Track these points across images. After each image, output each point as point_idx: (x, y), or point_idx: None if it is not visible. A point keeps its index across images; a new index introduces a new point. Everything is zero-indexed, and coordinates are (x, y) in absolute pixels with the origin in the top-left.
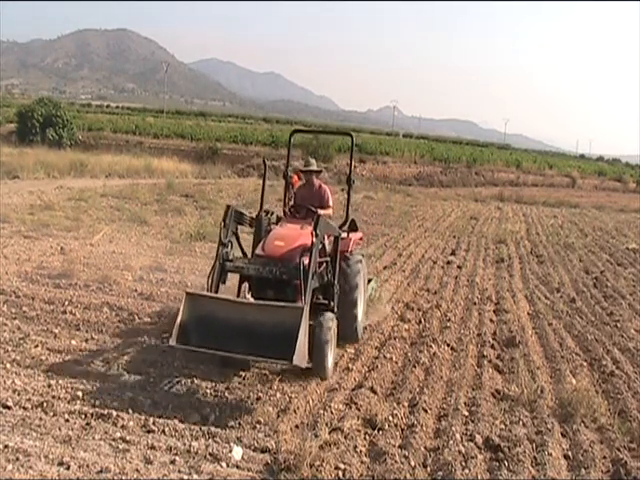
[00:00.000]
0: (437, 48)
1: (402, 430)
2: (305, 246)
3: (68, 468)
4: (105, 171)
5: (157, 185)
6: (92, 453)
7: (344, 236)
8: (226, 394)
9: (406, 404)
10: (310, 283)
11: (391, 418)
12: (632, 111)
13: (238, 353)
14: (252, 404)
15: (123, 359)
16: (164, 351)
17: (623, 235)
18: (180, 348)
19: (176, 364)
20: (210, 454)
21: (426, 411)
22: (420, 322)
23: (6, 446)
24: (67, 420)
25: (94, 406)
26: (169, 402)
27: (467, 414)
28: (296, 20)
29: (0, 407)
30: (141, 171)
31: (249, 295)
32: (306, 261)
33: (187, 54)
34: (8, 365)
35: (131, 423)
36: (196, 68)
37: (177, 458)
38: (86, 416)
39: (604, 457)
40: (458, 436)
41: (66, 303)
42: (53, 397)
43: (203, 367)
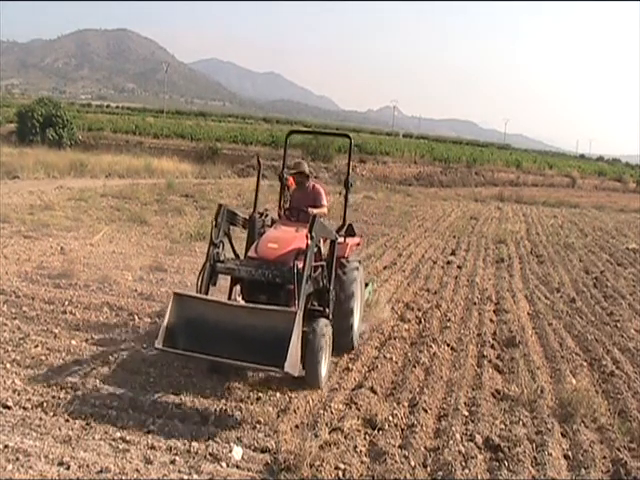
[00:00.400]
0: (437, 48)
1: (402, 430)
2: (300, 249)
3: (68, 468)
4: (105, 171)
5: (157, 185)
6: (92, 453)
7: (341, 241)
8: (226, 394)
9: (406, 404)
10: (304, 287)
11: (391, 418)
12: (632, 111)
13: (227, 358)
14: (252, 404)
15: (123, 359)
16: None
17: (623, 235)
18: (166, 351)
19: (176, 364)
20: (210, 454)
21: (426, 411)
22: (420, 322)
23: (6, 446)
24: (67, 420)
25: (94, 406)
26: (169, 402)
27: (467, 414)
28: (296, 20)
29: (0, 407)
30: (141, 171)
31: (240, 298)
32: (300, 264)
33: (187, 54)
34: (8, 365)
35: (131, 423)
36: (196, 68)
37: (177, 458)
38: (86, 416)
39: (604, 457)
40: (458, 436)
41: (66, 303)
42: (53, 397)
43: (203, 368)
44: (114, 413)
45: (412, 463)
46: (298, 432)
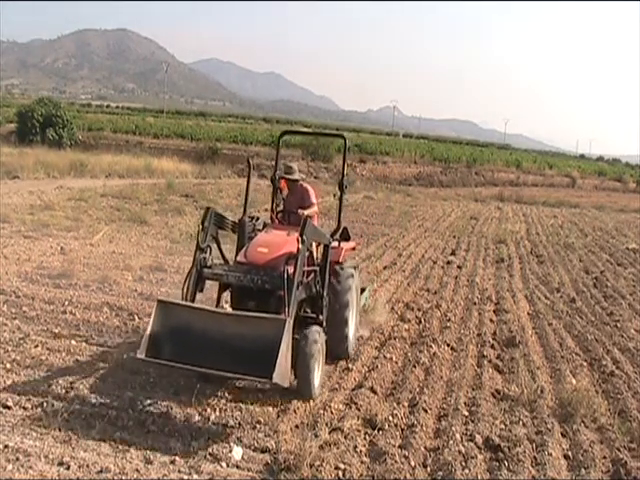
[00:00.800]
0: (437, 48)
1: (402, 430)
2: (291, 254)
3: (68, 468)
4: (105, 171)
5: (157, 185)
6: (92, 453)
7: (335, 245)
8: (226, 394)
9: (406, 404)
10: (295, 294)
11: (391, 418)
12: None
13: (213, 369)
14: (252, 404)
15: (123, 359)
16: None
17: (623, 235)
18: (149, 362)
19: None
20: (210, 454)
21: (426, 411)
22: (420, 322)
23: (6, 446)
24: (67, 420)
25: (94, 406)
26: (169, 402)
27: (467, 414)
28: (296, 20)
29: (0, 407)
30: (141, 171)
31: (227, 305)
32: (291, 270)
33: (187, 54)
34: (8, 365)
35: (131, 423)
36: (196, 68)
37: (177, 458)
38: (86, 416)
39: (604, 457)
40: (458, 436)
41: (66, 303)
42: (53, 397)
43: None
44: (114, 413)
45: (412, 463)
46: (298, 432)
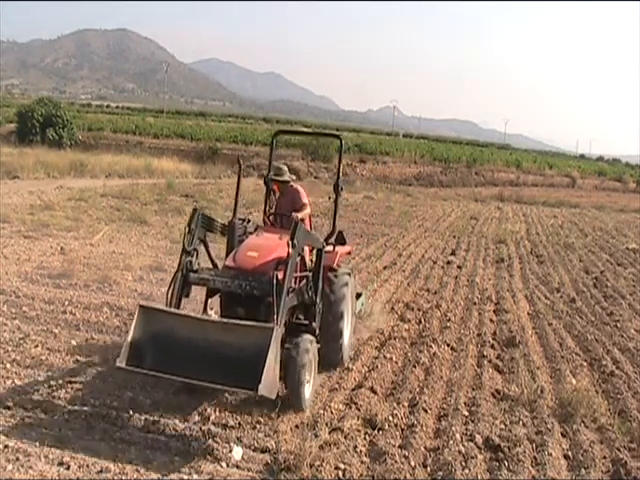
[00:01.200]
0: (437, 48)
1: (402, 430)
2: (281, 258)
3: (68, 468)
4: (105, 171)
5: (157, 185)
6: (92, 453)
7: (329, 249)
8: (226, 394)
9: (406, 404)
10: (284, 300)
11: (391, 418)
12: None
13: (197, 379)
14: (252, 404)
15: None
16: None
17: (623, 235)
18: (130, 371)
19: None
20: (210, 454)
21: (426, 411)
22: (420, 322)
23: (6, 446)
24: (67, 420)
25: (94, 406)
26: (169, 402)
27: (467, 414)
28: (296, 20)
29: (0, 407)
30: (141, 171)
31: (212, 312)
32: (280, 275)
33: (187, 54)
34: (8, 365)
35: (131, 423)
36: (196, 68)
37: (177, 458)
38: (86, 416)
39: (604, 457)
40: (458, 436)
41: (66, 303)
42: (53, 397)
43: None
44: (114, 413)
45: (412, 463)
46: (298, 432)
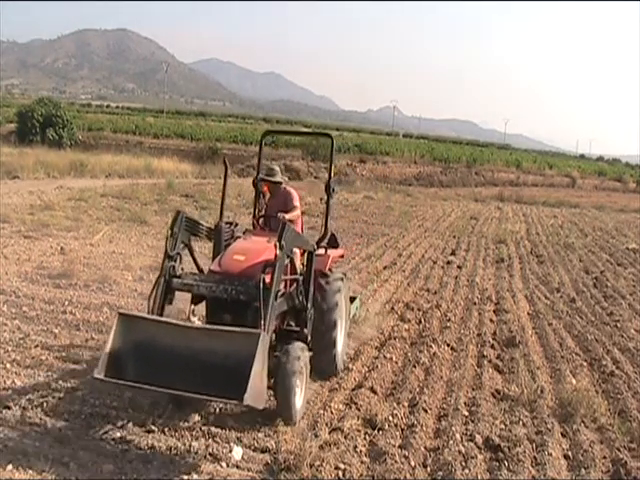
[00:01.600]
0: (437, 48)
1: (402, 430)
2: (269, 261)
3: (68, 468)
4: (105, 171)
5: (157, 185)
6: (92, 453)
7: (320, 252)
8: None
9: (406, 404)
10: (272, 305)
11: (391, 418)
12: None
13: (180, 390)
14: None
15: None
16: None
17: (623, 235)
18: (109, 382)
19: None
20: (210, 454)
21: (426, 411)
22: (420, 322)
23: (6, 446)
24: (67, 420)
25: (94, 406)
26: (169, 402)
27: (467, 414)
28: (296, 20)
29: (0, 407)
30: (141, 171)
31: (195, 318)
32: (268, 279)
33: (187, 54)
34: (8, 365)
35: (131, 423)
36: (196, 68)
37: (177, 458)
38: (86, 416)
39: (604, 457)
40: (458, 436)
41: (66, 303)
42: (53, 397)
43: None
44: (114, 413)
45: (412, 463)
46: (298, 432)
